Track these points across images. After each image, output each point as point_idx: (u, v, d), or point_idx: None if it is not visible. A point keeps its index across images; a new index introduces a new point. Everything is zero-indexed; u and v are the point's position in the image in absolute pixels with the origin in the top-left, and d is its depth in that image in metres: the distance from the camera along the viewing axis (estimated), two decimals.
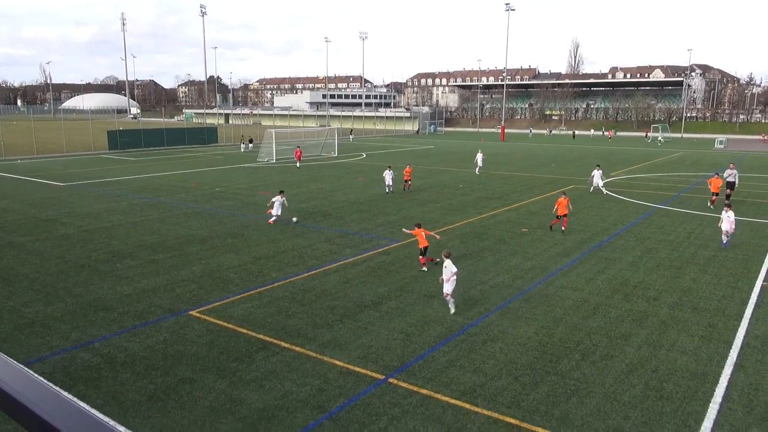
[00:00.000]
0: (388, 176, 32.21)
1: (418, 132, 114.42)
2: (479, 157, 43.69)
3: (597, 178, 33.65)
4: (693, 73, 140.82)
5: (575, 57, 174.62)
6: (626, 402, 9.79)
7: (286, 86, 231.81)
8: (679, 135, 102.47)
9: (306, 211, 26.77)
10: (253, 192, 32.86)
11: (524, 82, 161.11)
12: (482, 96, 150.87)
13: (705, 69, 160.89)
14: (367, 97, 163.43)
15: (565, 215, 22.45)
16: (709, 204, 28.57)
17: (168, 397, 9.78)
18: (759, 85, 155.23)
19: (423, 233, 17.53)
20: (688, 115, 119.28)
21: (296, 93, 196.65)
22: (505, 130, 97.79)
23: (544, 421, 9.16)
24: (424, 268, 17.45)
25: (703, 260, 18.93)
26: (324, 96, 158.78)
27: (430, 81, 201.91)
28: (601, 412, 9.44)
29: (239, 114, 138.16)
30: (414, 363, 11.11)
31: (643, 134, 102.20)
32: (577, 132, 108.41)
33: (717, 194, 28.56)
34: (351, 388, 10.16)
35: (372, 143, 78.62)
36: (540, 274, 17.25)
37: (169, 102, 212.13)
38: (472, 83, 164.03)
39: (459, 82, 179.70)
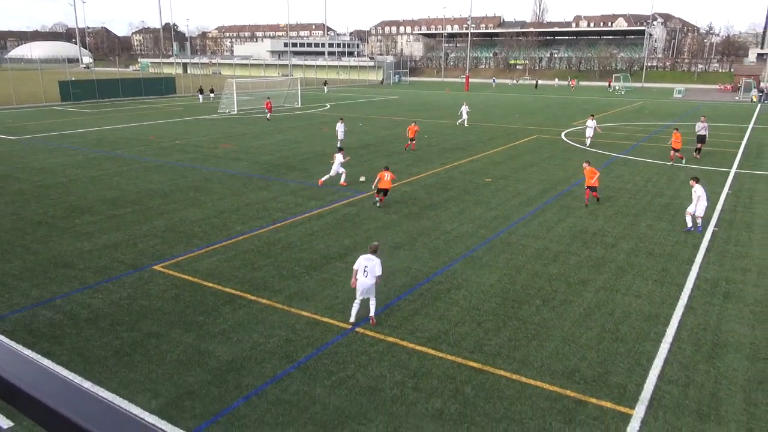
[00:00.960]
0: (340, 129, 30.96)
1: (382, 82, 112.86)
2: (464, 109, 42.66)
3: (590, 129, 32.86)
4: (655, 22, 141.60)
5: (540, 5, 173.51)
6: (583, 344, 10.23)
7: (246, 34, 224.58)
8: (639, 84, 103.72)
9: (270, 164, 26.44)
10: (214, 144, 32.19)
11: (489, 31, 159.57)
12: (447, 45, 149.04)
13: (666, 18, 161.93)
14: (330, 45, 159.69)
15: (592, 187, 19.56)
16: (672, 162, 27.19)
17: (134, 351, 9.78)
18: (718, 35, 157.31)
19: (387, 175, 18.59)
20: (649, 64, 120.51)
21: (256, 41, 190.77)
22: (470, 80, 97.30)
23: (505, 364, 9.52)
24: (377, 203, 19.10)
25: (658, 208, 19.54)
26: (286, 44, 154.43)
27: (394, 29, 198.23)
28: (560, 354, 9.85)
29: (198, 63, 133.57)
30: (380, 312, 11.31)
31: (606, 84, 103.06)
32: (540, 81, 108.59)
33: (678, 150, 27.10)
34: (318, 338, 10.33)
35: (335, 93, 77.36)
36: (503, 223, 17.57)
37: (123, 51, 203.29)
38: (436, 32, 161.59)
39: (423, 30, 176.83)
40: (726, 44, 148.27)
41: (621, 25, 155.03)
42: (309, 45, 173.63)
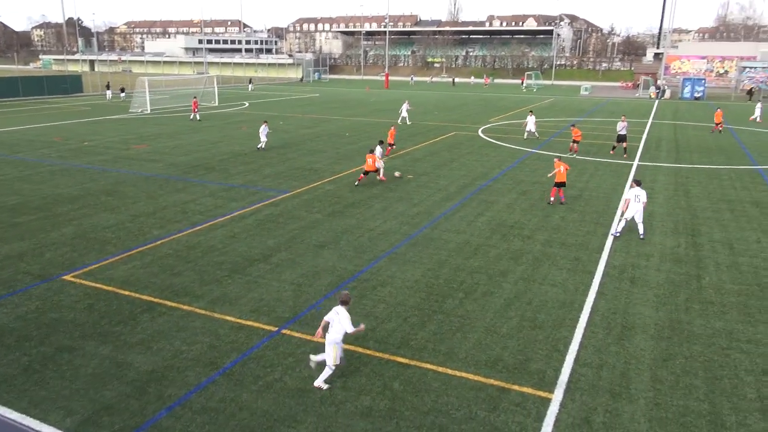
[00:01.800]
0: (263, 132, 29.55)
1: (302, 79, 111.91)
2: (404, 107, 42.74)
3: (530, 124, 34.44)
4: (562, 23, 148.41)
5: (455, 4, 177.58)
6: (504, 333, 10.61)
7: (158, 30, 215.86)
8: (550, 82, 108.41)
9: (188, 165, 25.59)
10: (127, 145, 30.75)
11: (406, 29, 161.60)
12: (366, 43, 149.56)
13: (573, 18, 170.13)
14: (247, 42, 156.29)
15: (562, 183, 19.42)
16: (571, 153, 28.99)
17: (45, 368, 9.21)
18: (619, 35, 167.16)
19: (373, 160, 21.58)
20: (558, 63, 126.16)
21: (169, 37, 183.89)
22: (389, 78, 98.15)
23: (431, 357, 9.73)
24: (356, 183, 21.93)
25: (570, 200, 20.53)
26: (200, 41, 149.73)
27: (312, 26, 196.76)
28: (483, 345, 10.18)
29: (106, 60, 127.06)
30: (306, 312, 11.25)
31: (519, 81, 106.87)
32: (457, 79, 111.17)
33: (578, 142, 29.11)
34: (244, 342, 10.14)
35: (254, 92, 75.82)
36: (425, 218, 17.89)
37: (23, 47, 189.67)
38: (355, 29, 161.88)
39: (342, 27, 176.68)
40: (627, 44, 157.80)
41: (531, 25, 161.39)
42: (225, 42, 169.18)
